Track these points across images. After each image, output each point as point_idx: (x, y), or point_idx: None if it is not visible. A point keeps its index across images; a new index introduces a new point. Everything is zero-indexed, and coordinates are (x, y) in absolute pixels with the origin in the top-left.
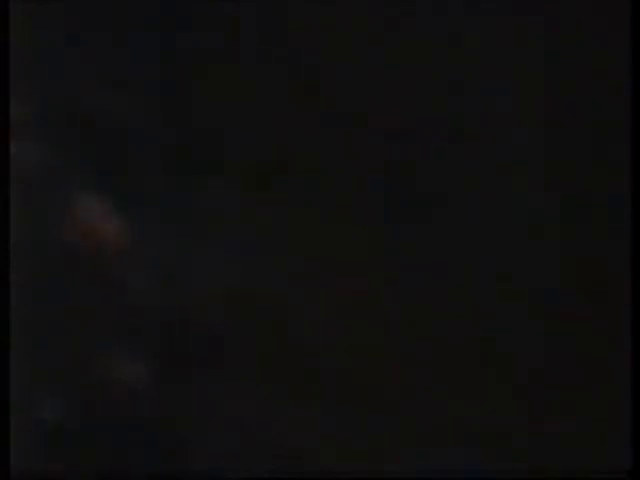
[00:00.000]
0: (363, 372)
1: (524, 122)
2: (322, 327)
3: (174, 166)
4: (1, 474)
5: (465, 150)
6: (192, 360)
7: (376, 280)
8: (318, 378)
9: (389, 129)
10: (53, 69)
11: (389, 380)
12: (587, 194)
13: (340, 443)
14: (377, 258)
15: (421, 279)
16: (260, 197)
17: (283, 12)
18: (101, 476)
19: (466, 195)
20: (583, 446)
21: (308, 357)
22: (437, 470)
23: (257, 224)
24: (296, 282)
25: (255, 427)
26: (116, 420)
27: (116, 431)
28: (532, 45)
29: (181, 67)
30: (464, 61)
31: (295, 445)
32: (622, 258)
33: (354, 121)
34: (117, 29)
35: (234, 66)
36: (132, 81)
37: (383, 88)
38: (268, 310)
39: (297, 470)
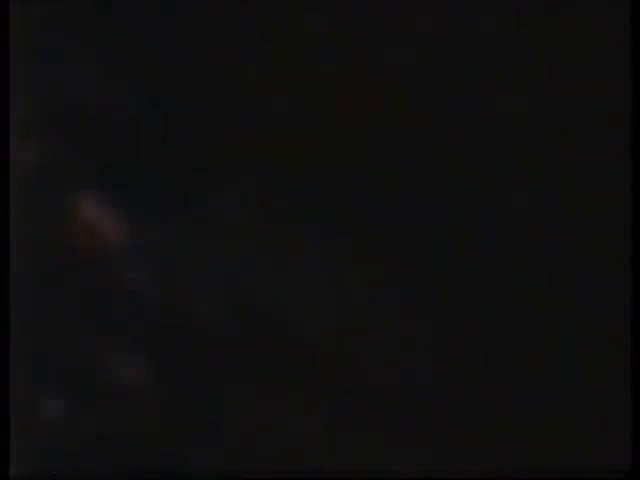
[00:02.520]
0: (363, 372)
1: (523, 121)
2: (322, 327)
3: (174, 166)
4: (1, 474)
5: (465, 148)
6: (192, 360)
7: (377, 279)
8: (318, 378)
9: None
10: (53, 69)
11: (390, 379)
12: (587, 194)
13: (340, 443)
14: (377, 257)
15: (421, 278)
16: (260, 197)
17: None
18: (101, 476)
19: (465, 193)
20: (583, 446)
21: (308, 357)
22: (437, 470)
23: (257, 224)
24: (296, 282)
25: (255, 427)
26: (116, 420)
27: (116, 431)
28: (532, 45)
29: (181, 66)
30: (463, 60)
31: (295, 445)
32: (622, 258)
33: (355, 122)
34: (117, 29)
35: (235, 65)
36: (132, 80)
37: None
38: (268, 310)
39: (297, 470)
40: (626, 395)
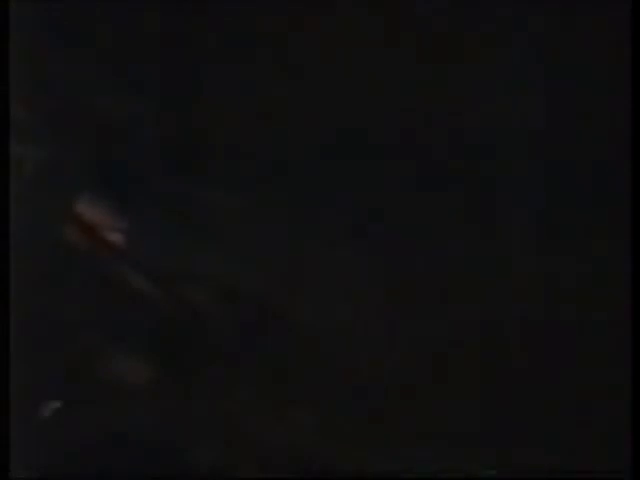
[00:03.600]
0: (364, 372)
1: (523, 122)
2: (323, 326)
3: (174, 166)
4: (1, 474)
5: (464, 149)
6: (192, 360)
7: (377, 278)
8: (319, 378)
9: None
10: (53, 69)
11: (390, 379)
12: (587, 194)
13: (340, 443)
14: (377, 256)
15: (422, 276)
16: (259, 197)
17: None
18: (101, 476)
19: (465, 194)
20: (583, 446)
21: (308, 356)
22: (437, 470)
23: (256, 224)
24: (296, 281)
25: (255, 427)
26: (116, 420)
27: (116, 431)
28: (531, 45)
29: (182, 67)
30: (462, 61)
31: (295, 445)
32: (622, 258)
33: (354, 122)
34: (117, 28)
35: (234, 66)
36: (132, 81)
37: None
38: (268, 309)
39: (297, 470)
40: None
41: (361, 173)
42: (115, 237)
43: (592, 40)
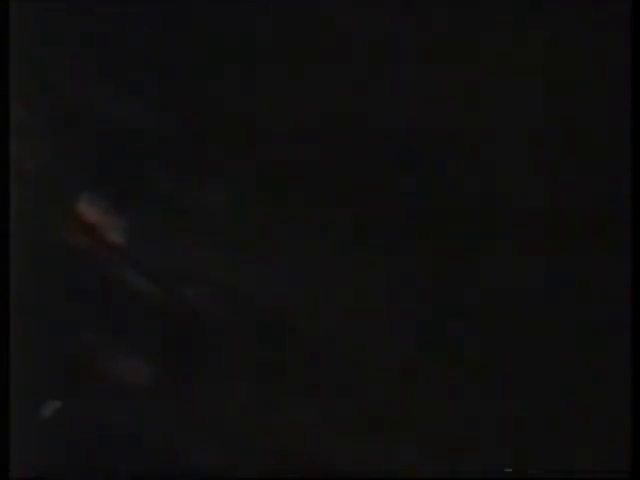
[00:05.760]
0: (364, 372)
1: (523, 122)
2: (322, 326)
3: (174, 166)
4: (1, 474)
5: (465, 149)
6: (192, 360)
7: (377, 278)
8: (318, 377)
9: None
10: (53, 69)
11: (390, 379)
12: (587, 194)
13: (340, 443)
14: (378, 257)
15: (422, 276)
16: (259, 197)
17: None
18: (101, 476)
19: (464, 195)
20: (583, 446)
21: (308, 356)
22: (437, 470)
23: (257, 224)
24: (296, 282)
25: (254, 427)
26: (116, 420)
27: (116, 431)
28: (532, 45)
29: (182, 67)
30: (462, 60)
31: (295, 444)
32: (622, 257)
33: (356, 122)
34: (117, 29)
35: (234, 65)
36: (132, 81)
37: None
38: (268, 309)
39: (297, 470)
40: None
41: (362, 173)
42: (115, 237)
43: (592, 40)
